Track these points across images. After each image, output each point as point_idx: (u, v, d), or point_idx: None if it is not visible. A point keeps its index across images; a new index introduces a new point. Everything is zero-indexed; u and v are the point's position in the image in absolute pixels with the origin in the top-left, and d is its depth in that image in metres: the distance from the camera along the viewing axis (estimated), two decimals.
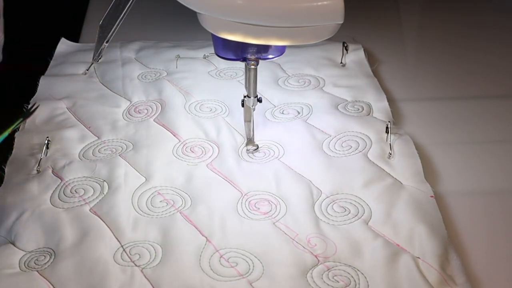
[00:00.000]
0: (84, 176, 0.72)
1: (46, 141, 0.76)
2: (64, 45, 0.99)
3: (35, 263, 0.61)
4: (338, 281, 0.59)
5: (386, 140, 0.76)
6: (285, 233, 0.64)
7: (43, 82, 0.89)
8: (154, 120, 0.81)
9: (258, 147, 0.76)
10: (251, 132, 0.76)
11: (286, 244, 0.63)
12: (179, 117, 0.82)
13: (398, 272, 0.59)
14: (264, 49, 0.71)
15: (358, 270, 0.60)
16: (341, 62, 0.96)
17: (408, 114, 0.85)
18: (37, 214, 0.66)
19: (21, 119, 0.76)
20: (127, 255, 0.62)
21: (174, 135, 0.79)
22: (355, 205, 0.68)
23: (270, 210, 0.67)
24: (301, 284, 0.59)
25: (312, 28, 0.61)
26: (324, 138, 0.78)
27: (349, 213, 0.67)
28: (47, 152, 0.75)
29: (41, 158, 0.74)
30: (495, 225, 0.67)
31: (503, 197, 0.71)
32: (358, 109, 0.83)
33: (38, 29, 1.10)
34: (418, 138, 0.78)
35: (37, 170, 0.73)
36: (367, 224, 0.65)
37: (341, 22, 0.60)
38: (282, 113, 0.83)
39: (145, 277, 0.60)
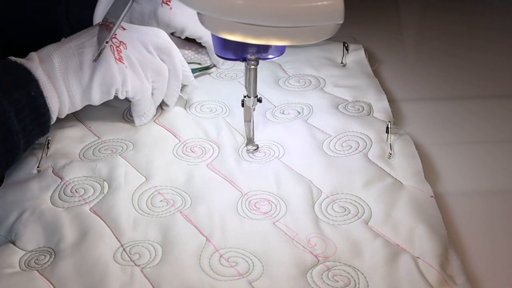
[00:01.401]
0: (84, 176, 0.72)
1: (46, 141, 0.76)
2: None
3: (35, 262, 0.61)
4: (338, 281, 0.59)
5: (386, 140, 0.76)
6: (285, 233, 0.64)
7: None
8: (154, 121, 0.81)
9: (258, 147, 0.76)
10: (251, 132, 0.76)
11: (286, 244, 0.63)
12: (179, 117, 0.82)
13: (398, 272, 0.59)
14: (264, 49, 0.71)
15: (358, 270, 0.60)
16: (341, 62, 0.96)
17: (408, 114, 0.85)
18: (37, 213, 0.66)
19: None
20: (127, 254, 0.62)
21: (175, 135, 0.79)
22: (355, 205, 0.68)
23: (270, 210, 0.67)
24: (301, 284, 0.59)
25: (312, 28, 0.61)
26: (324, 138, 0.78)
27: (349, 213, 0.67)
28: (47, 152, 0.76)
29: (41, 158, 0.74)
30: (495, 225, 0.67)
31: (503, 197, 0.71)
32: (359, 109, 0.83)
33: (38, 29, 1.09)
34: (418, 138, 0.78)
35: (38, 170, 0.73)
36: (367, 224, 0.65)
37: (341, 22, 0.60)
38: (283, 113, 0.83)
39: (145, 276, 0.60)
